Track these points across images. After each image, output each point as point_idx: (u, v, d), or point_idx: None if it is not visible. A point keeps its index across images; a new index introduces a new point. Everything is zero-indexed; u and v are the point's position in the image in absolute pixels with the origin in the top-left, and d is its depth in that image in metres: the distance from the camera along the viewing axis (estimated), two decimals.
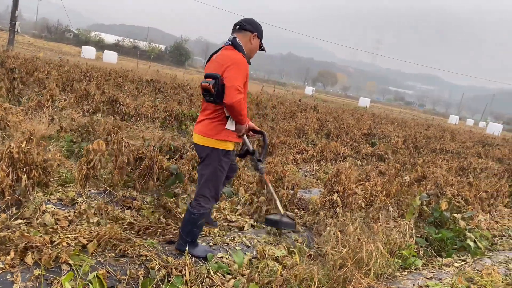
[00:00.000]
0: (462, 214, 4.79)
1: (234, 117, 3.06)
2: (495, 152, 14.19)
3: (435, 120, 36.98)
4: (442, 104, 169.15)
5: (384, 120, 20.40)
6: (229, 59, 3.05)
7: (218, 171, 3.17)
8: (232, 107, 2.94)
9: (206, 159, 3.17)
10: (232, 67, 2.99)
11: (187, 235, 3.19)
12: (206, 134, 3.12)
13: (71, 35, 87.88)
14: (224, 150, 3.15)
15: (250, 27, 3.26)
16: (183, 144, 5.26)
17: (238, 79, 2.98)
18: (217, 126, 3.10)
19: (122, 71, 16.20)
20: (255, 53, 3.37)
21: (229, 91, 2.92)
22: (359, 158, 8.46)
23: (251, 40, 3.26)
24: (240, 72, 3.01)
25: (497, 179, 7.60)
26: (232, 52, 3.13)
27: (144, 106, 7.78)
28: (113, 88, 10.89)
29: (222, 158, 3.16)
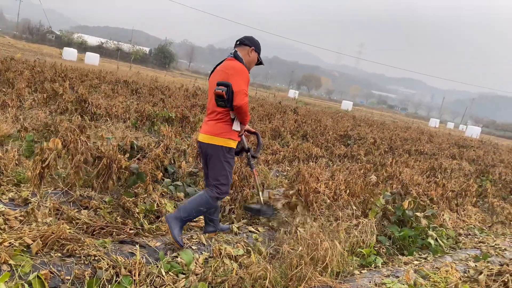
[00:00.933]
0: (424, 212, 4.83)
1: (241, 118, 3.51)
2: (469, 153, 14.44)
3: (415, 123, 37.50)
4: (424, 107, 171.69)
5: (363, 123, 20.58)
6: (232, 68, 3.51)
7: (226, 165, 3.56)
8: (241, 108, 3.40)
9: (214, 156, 3.54)
10: (236, 75, 3.46)
11: (185, 211, 3.46)
12: (212, 133, 3.52)
13: (53, 36, 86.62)
14: (227, 147, 3.54)
15: (249, 42, 3.75)
16: (148, 143, 5.19)
17: (243, 85, 3.44)
18: (223, 127, 3.51)
19: (100, 72, 15.99)
20: (253, 65, 3.84)
21: (238, 95, 3.37)
22: (332, 158, 8.50)
23: (249, 53, 3.74)
24: (243, 78, 3.48)
25: (466, 179, 7.71)
26: (234, 62, 3.60)
27: (115, 106, 7.67)
28: (87, 89, 10.74)
29: (226, 155, 3.55)
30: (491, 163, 12.32)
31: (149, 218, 3.96)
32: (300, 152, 7.75)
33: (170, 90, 15.14)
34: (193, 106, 11.32)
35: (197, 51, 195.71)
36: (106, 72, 17.12)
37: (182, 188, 4.70)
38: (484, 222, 6.78)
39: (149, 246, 3.32)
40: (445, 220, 5.66)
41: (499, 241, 5.52)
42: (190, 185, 4.94)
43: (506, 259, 4.85)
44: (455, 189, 6.59)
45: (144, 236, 3.62)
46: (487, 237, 5.84)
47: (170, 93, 14.31)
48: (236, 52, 3.68)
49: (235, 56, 3.65)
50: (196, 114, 9.17)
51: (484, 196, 7.78)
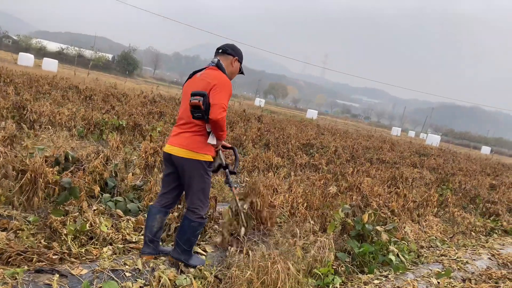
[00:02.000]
0: (384, 226, 4.57)
1: (215, 133, 3.25)
2: (430, 162, 14.58)
3: (377, 132, 38.12)
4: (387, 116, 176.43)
5: (327, 131, 20.57)
6: (216, 79, 3.23)
7: (204, 180, 3.34)
8: (217, 123, 3.13)
9: (191, 172, 3.28)
10: (219, 87, 3.18)
11: (185, 243, 3.31)
12: (188, 147, 3.24)
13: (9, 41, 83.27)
14: (207, 161, 3.32)
15: (232, 51, 3.50)
16: (87, 154, 4.70)
17: (224, 98, 3.17)
18: (200, 140, 3.25)
19: (53, 78, 15.16)
20: (235, 75, 3.58)
21: (215, 108, 3.10)
22: (293, 168, 8.21)
23: (232, 63, 3.49)
24: (226, 92, 3.21)
25: (427, 189, 7.59)
26: (218, 72, 3.32)
27: (59, 114, 7.08)
28: (34, 95, 10.03)
29: (206, 169, 3.33)
30: (451, 171, 12.43)
31: (79, 240, 3.47)
32: (260, 162, 7.41)
33: (127, 97, 14.51)
34: (150, 113, 10.80)
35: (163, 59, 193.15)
36: (60, 78, 16.26)
37: (123, 204, 4.23)
38: (445, 232, 6.63)
39: (72, 275, 2.85)
40: (407, 233, 5.45)
41: (460, 253, 5.36)
42: (133, 201, 4.47)
43: (468, 274, 4.67)
44: (416, 200, 6.42)
45: (70, 263, 3.14)
46: (448, 249, 5.67)
47: (127, 100, 13.70)
48: (219, 62, 3.42)
49: (217, 66, 3.39)
50: (150, 122, 8.67)
51: (445, 205, 7.69)
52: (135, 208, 4.32)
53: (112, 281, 2.66)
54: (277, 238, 4.15)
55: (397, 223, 5.16)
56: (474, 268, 4.90)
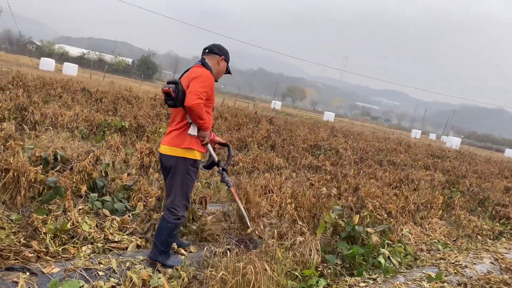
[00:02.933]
0: (375, 228, 4.45)
1: (194, 121, 3.27)
2: (444, 164, 14.23)
3: (395, 134, 37.53)
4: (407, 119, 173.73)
5: (340, 133, 20.34)
6: (195, 73, 3.34)
7: (187, 180, 3.35)
8: (191, 109, 3.16)
9: (174, 169, 3.33)
10: (197, 78, 3.28)
11: (162, 244, 3.33)
12: (172, 143, 3.32)
13: (33, 47, 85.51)
14: (191, 159, 3.33)
15: (218, 51, 3.58)
16: (78, 154, 4.72)
17: (200, 87, 3.23)
18: (181, 134, 3.32)
19: (66, 81, 15.44)
20: (222, 74, 3.68)
21: (189, 95, 3.17)
22: (295, 169, 8.11)
23: (219, 62, 3.58)
24: (203, 83, 3.27)
25: (432, 191, 7.39)
26: (200, 68, 3.43)
27: (61, 115, 7.18)
28: (44, 97, 10.23)
29: (190, 167, 3.34)
30: (464, 173, 12.10)
31: (60, 239, 3.48)
32: (260, 162, 7.35)
33: (139, 100, 14.66)
34: (157, 115, 10.86)
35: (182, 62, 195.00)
36: (74, 81, 16.55)
37: (110, 204, 4.23)
38: (449, 236, 6.44)
39: (42, 273, 2.85)
40: (404, 235, 5.30)
41: (460, 257, 5.17)
42: (121, 200, 4.47)
43: (465, 278, 4.50)
44: (417, 202, 6.25)
45: (45, 261, 3.14)
46: (449, 253, 5.49)
47: (139, 102, 13.83)
48: (204, 60, 3.52)
49: (202, 63, 3.49)
50: (155, 123, 8.72)
51: (452, 208, 7.48)
52: (122, 207, 4.32)
53: (74, 280, 2.64)
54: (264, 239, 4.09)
55: (393, 225, 5.02)
56: (473, 272, 4.73)
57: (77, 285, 2.57)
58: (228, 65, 3.71)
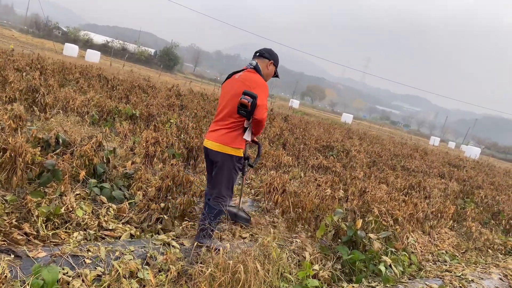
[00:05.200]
0: (378, 234, 4.28)
1: (256, 130, 3.62)
2: (460, 173, 13.86)
3: (413, 140, 36.87)
4: (427, 125, 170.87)
5: (356, 135, 20.04)
6: (255, 83, 3.55)
7: (233, 174, 3.66)
8: (261, 122, 3.51)
9: (221, 164, 3.60)
10: (259, 88, 3.49)
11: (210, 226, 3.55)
12: (223, 142, 3.56)
13: (59, 32, 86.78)
14: (238, 156, 3.61)
15: (268, 55, 3.79)
16: (81, 138, 4.68)
17: (265, 99, 3.53)
18: (235, 136, 3.56)
19: (85, 67, 15.56)
20: (270, 78, 3.87)
21: (261, 109, 3.44)
22: (304, 169, 7.96)
23: (268, 66, 3.78)
24: (265, 93, 3.54)
25: (443, 200, 7.15)
26: (256, 75, 3.65)
27: (72, 99, 7.18)
28: (60, 81, 10.29)
29: (236, 163, 3.62)
30: (480, 184, 11.73)
31: (53, 223, 3.43)
32: (269, 159, 7.21)
33: (155, 89, 14.67)
34: (171, 106, 10.82)
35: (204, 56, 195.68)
36: (94, 67, 16.66)
37: (108, 191, 4.17)
38: (458, 247, 6.22)
39: (27, 256, 2.79)
40: (410, 244, 5.12)
41: (468, 271, 4.97)
42: (121, 188, 4.41)
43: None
44: (427, 210, 6.04)
45: (33, 245, 3.09)
46: (456, 265, 5.29)
47: (155, 92, 13.84)
48: (257, 65, 3.71)
49: (255, 69, 3.69)
50: (166, 113, 8.66)
51: (463, 219, 7.23)
52: (120, 195, 4.25)
53: (55, 266, 2.56)
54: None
55: (399, 232, 4.84)
56: (480, 287, 4.53)
57: (57, 272, 2.49)
58: (277, 70, 3.90)
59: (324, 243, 4.33)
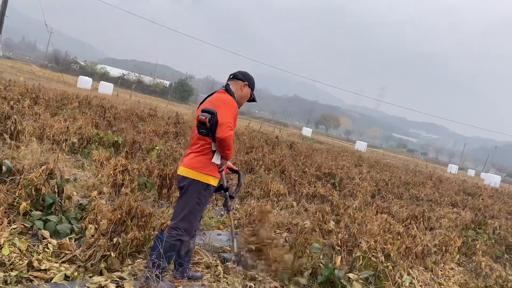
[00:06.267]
0: (359, 274, 3.69)
1: (222, 151, 3.30)
2: (475, 202, 13.01)
3: (429, 168, 35.76)
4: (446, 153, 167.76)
5: (366, 163, 19.35)
6: (221, 100, 3.37)
7: (196, 205, 3.34)
8: (224, 141, 3.20)
9: (187, 191, 3.33)
10: (224, 106, 3.29)
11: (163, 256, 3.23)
12: (191, 166, 3.33)
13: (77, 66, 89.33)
14: (205, 183, 3.32)
15: (242, 77, 3.64)
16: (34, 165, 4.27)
17: (229, 117, 3.25)
18: (203, 160, 3.32)
19: (86, 96, 15.49)
20: (245, 100, 3.70)
21: (222, 127, 3.18)
22: (298, 198, 7.40)
23: (242, 88, 3.62)
24: (230, 111, 3.31)
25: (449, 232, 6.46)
26: (224, 95, 3.48)
27: (49, 127, 6.86)
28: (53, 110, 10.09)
29: (202, 192, 3.33)
30: (496, 214, 10.90)
31: None
32: (256, 188, 6.69)
33: (156, 118, 14.43)
34: (165, 133, 10.47)
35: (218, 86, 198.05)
36: (95, 97, 16.59)
37: (53, 224, 3.70)
38: (466, 286, 5.50)
39: None
40: (405, 283, 4.47)
41: None
42: (71, 221, 3.94)
43: None
44: (429, 243, 5.39)
45: None
46: None
47: (155, 120, 13.58)
48: (228, 85, 3.57)
49: (226, 89, 3.54)
50: (153, 140, 8.28)
51: (473, 252, 6.51)
52: (66, 229, 3.78)
53: None
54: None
55: (390, 270, 4.22)
56: None
57: None
58: (253, 93, 3.72)
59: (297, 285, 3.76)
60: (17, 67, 54.36)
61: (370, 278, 4.05)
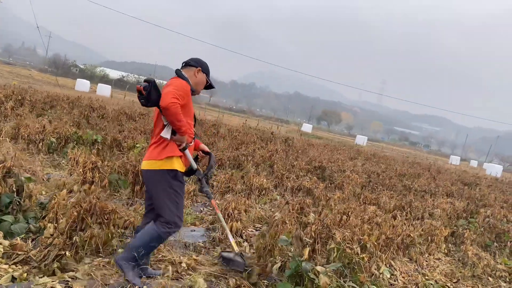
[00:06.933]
0: (326, 266, 3.52)
1: (171, 122, 3.11)
2: (471, 192, 12.81)
3: (430, 159, 35.50)
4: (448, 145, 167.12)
5: (363, 156, 19.16)
6: (171, 82, 3.25)
7: (172, 193, 3.19)
8: (167, 109, 3.01)
9: (155, 185, 3.21)
10: (170, 86, 3.16)
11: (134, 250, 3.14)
12: (151, 157, 3.21)
13: (77, 70, 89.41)
14: (172, 170, 3.18)
15: (195, 63, 3.51)
16: None
17: (175, 91, 3.09)
18: (158, 146, 3.20)
19: (77, 98, 15.37)
20: (201, 86, 3.57)
21: (165, 96, 3.04)
22: (282, 192, 7.23)
23: (195, 74, 3.48)
24: (178, 89, 3.14)
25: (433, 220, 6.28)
26: (175, 79, 3.32)
27: (24, 127, 6.72)
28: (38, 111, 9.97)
29: (171, 180, 3.19)
30: (492, 203, 10.70)
31: None
32: (237, 182, 6.53)
33: (146, 117, 14.28)
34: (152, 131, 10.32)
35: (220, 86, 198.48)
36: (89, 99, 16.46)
37: (7, 224, 3.55)
38: (452, 276, 5.33)
39: None
40: (383, 274, 4.31)
41: None
42: (28, 221, 3.79)
43: None
44: (411, 233, 5.22)
45: None
46: None
47: (145, 119, 13.44)
48: (180, 71, 3.43)
49: (177, 75, 3.39)
50: (135, 138, 8.12)
51: (462, 241, 6.33)
52: (22, 229, 3.63)
53: None
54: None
55: (366, 261, 4.05)
56: None
57: None
58: (209, 79, 3.60)
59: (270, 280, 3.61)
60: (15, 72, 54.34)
61: (345, 271, 3.89)
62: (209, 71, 3.60)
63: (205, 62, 3.60)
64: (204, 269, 3.77)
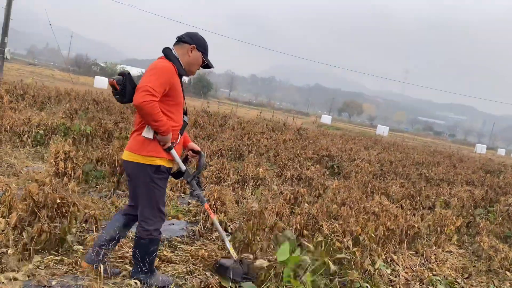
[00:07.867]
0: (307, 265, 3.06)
1: (146, 122, 2.80)
2: (494, 179, 12.03)
3: (454, 148, 34.27)
4: (475, 134, 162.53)
5: (380, 145, 18.45)
6: (152, 66, 2.89)
7: (154, 189, 2.92)
8: (140, 108, 2.70)
9: (136, 178, 2.94)
10: (149, 72, 2.82)
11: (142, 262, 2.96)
12: (132, 149, 2.91)
13: (98, 68, 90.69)
14: (153, 166, 2.88)
15: (189, 39, 3.06)
16: None
17: (152, 82, 2.73)
18: (142, 140, 2.86)
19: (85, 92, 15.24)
20: (196, 67, 3.12)
21: (137, 92, 2.70)
22: (281, 181, 6.78)
23: (189, 52, 3.04)
24: (157, 76, 2.78)
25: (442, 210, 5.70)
26: (159, 60, 2.97)
27: (9, 119, 6.46)
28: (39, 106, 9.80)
29: (153, 175, 2.90)
30: None
31: None
32: (230, 172, 6.10)
33: None
34: None
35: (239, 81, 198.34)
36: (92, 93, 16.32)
37: None
38: (464, 270, 4.78)
39: None
40: (379, 270, 3.81)
41: None
42: None
43: None
44: (416, 224, 4.68)
45: None
46: None
47: None
48: (169, 50, 3.02)
49: (165, 54, 2.99)
50: (127, 129, 7.79)
51: (477, 232, 5.75)
52: None
53: None
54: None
55: (358, 256, 3.57)
56: None
57: None
58: (206, 57, 3.11)
59: None
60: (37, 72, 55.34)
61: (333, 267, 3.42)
62: (206, 48, 3.13)
63: (202, 38, 3.14)
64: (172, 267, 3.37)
